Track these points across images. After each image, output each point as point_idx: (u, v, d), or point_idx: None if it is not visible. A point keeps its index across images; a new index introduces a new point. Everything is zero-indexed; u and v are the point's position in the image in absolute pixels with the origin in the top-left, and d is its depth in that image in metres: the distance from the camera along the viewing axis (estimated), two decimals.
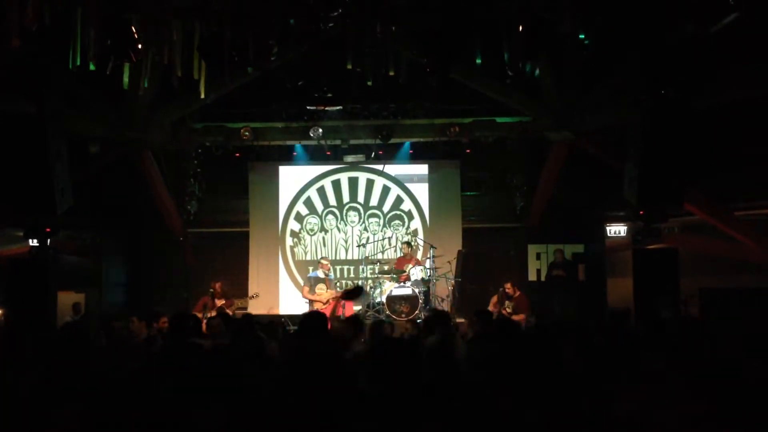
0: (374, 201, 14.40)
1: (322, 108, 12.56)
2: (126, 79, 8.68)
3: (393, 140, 13.22)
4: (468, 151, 13.57)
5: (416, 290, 11.95)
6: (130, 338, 7.30)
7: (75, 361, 4.47)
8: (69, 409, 3.54)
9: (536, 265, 13.70)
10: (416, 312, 11.61)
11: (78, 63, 7.91)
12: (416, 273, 12.34)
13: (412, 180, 14.42)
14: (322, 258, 12.99)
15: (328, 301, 11.90)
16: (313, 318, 5.67)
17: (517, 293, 11.80)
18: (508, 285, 11.90)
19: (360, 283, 13.42)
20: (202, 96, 9.23)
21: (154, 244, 14.25)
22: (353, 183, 14.44)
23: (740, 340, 4.75)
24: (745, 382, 3.68)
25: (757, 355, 4.36)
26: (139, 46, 7.85)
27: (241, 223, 14.40)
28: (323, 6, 8.18)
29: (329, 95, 11.96)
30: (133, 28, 7.75)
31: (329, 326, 6.17)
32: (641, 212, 10.09)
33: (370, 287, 12.85)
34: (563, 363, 4.09)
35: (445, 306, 12.52)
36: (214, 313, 10.78)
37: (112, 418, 3.42)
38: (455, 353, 4.76)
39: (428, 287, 12.34)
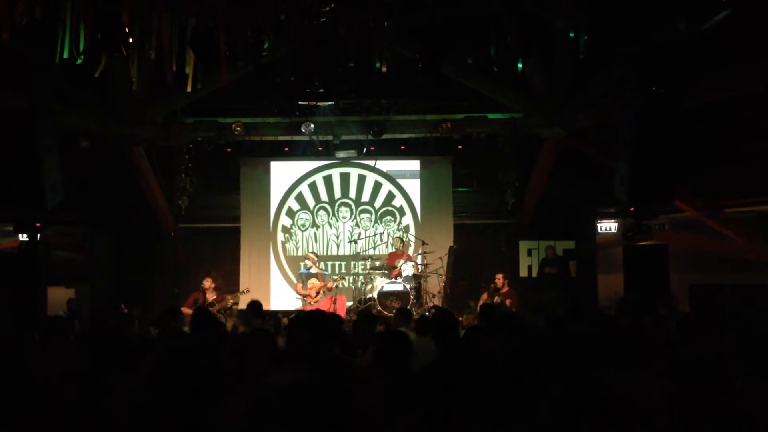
0: (366, 197, 14.39)
1: (314, 103, 12.52)
2: (113, 74, 8.63)
3: (385, 136, 13.24)
4: (460, 147, 13.58)
5: (407, 286, 11.98)
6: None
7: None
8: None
9: (527, 261, 13.75)
10: (407, 308, 11.64)
11: (66, 56, 7.86)
12: (407, 269, 12.36)
13: (403, 176, 14.42)
14: (309, 252, 12.96)
15: (318, 292, 11.92)
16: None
17: (506, 288, 11.83)
18: (499, 276, 11.93)
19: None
20: (189, 89, 9.15)
21: (144, 240, 14.20)
22: (345, 179, 14.43)
23: (730, 336, 4.78)
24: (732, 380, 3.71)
25: (747, 351, 4.39)
26: (130, 41, 7.83)
27: (233, 218, 14.38)
28: (315, 1, 8.16)
29: (321, 91, 11.93)
30: (123, 23, 7.71)
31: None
32: (632, 209, 10.14)
33: (361, 283, 12.87)
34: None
35: (437, 302, 12.55)
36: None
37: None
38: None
39: (419, 283, 12.37)
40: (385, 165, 14.36)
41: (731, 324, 6.01)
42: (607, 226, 14.20)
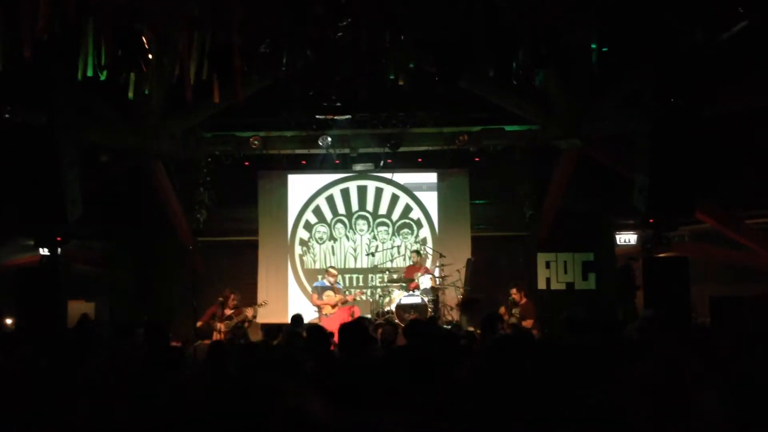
0: (383, 210, 14.39)
1: (331, 117, 12.57)
2: (131, 92, 8.69)
3: (402, 149, 13.24)
4: (477, 159, 13.57)
5: (425, 299, 11.95)
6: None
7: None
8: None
9: (545, 273, 13.63)
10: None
11: (89, 74, 7.94)
12: (425, 281, 12.33)
13: (421, 188, 14.40)
14: (330, 267, 13.00)
15: (336, 305, 11.94)
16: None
17: (523, 300, 11.77)
18: (514, 290, 11.87)
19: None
20: (216, 101, 9.07)
21: (163, 253, 14.26)
22: (362, 192, 14.44)
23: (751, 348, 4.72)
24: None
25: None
26: (150, 57, 7.91)
27: (251, 231, 14.42)
28: (332, 15, 8.20)
29: (338, 104, 11.98)
30: (143, 39, 7.79)
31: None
32: (651, 220, 10.07)
33: (379, 296, 12.85)
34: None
35: (454, 314, 12.50)
36: (221, 325, 10.92)
37: None
38: None
39: (437, 296, 12.33)
40: (402, 178, 14.36)
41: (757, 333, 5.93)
42: (626, 238, 14.08)
